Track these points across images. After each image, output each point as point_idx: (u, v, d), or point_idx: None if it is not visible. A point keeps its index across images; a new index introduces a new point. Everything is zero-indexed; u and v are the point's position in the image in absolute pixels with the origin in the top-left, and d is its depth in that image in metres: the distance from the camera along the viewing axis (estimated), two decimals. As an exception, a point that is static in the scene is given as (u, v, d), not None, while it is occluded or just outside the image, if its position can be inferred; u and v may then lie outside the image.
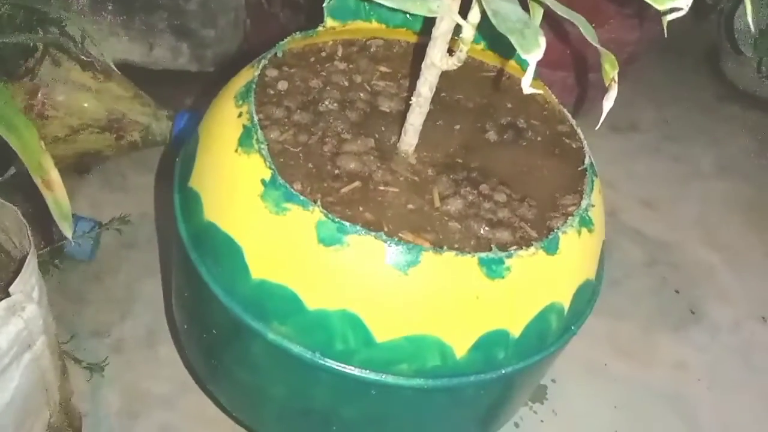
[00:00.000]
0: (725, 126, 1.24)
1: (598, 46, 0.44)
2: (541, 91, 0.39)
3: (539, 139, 0.59)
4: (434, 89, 0.51)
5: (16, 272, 0.53)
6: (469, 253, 0.45)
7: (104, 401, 0.69)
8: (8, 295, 0.50)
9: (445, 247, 0.45)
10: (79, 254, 0.80)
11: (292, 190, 0.45)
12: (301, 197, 0.45)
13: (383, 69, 0.63)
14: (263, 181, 0.46)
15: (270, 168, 0.46)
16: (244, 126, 0.49)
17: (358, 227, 0.44)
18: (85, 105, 0.83)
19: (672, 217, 1.04)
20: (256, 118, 0.49)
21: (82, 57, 0.77)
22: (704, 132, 1.21)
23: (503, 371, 0.48)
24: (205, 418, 0.69)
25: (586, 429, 0.77)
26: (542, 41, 0.39)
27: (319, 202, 0.45)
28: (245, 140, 0.48)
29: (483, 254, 0.45)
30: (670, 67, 1.31)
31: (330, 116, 0.56)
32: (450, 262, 0.44)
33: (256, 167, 0.47)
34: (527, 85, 0.38)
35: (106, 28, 0.97)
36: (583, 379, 0.80)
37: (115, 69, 0.75)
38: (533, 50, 0.38)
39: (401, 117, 0.57)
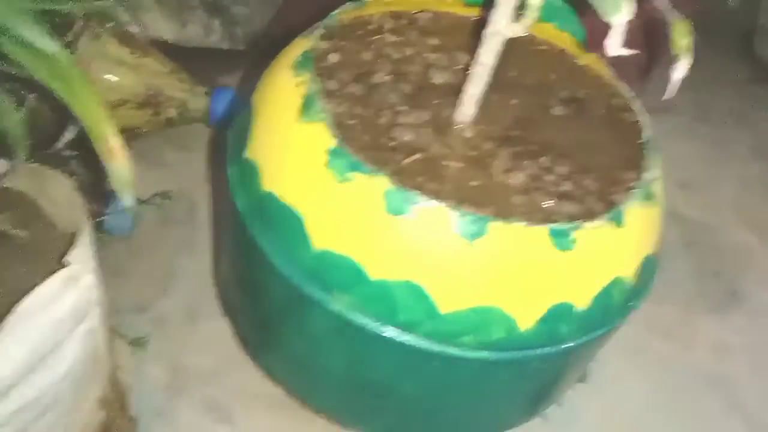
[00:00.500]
0: (759, 108, 1.22)
1: (669, 12, 0.43)
2: (628, 52, 0.38)
3: (596, 112, 0.58)
4: (497, 58, 0.50)
5: (67, 245, 0.53)
6: (540, 223, 0.44)
7: (148, 376, 0.69)
8: (62, 266, 0.50)
9: (514, 218, 0.44)
10: (118, 230, 0.79)
11: (358, 158, 0.45)
12: (369, 166, 0.44)
13: (434, 42, 0.62)
14: (328, 150, 0.45)
15: (335, 136, 0.45)
16: (306, 95, 0.48)
17: (427, 197, 0.43)
18: (123, 80, 0.82)
19: (709, 199, 1.03)
20: (319, 87, 0.48)
21: (127, 30, 0.76)
22: (738, 114, 1.20)
23: (567, 345, 0.47)
24: (249, 392, 0.69)
25: (629, 409, 0.76)
26: (625, 3, 0.38)
27: (387, 171, 0.44)
28: (307, 109, 0.47)
29: (553, 225, 0.44)
30: (703, 49, 1.29)
31: (383, 89, 0.55)
32: (519, 232, 0.44)
33: (320, 136, 0.46)
34: (614, 47, 0.37)
35: (139, 4, 0.96)
36: (624, 360, 0.80)
37: (171, 43, 0.74)
38: (616, 13, 0.37)
39: (455, 90, 0.56)
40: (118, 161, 0.46)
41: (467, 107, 0.53)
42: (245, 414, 0.68)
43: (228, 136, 0.57)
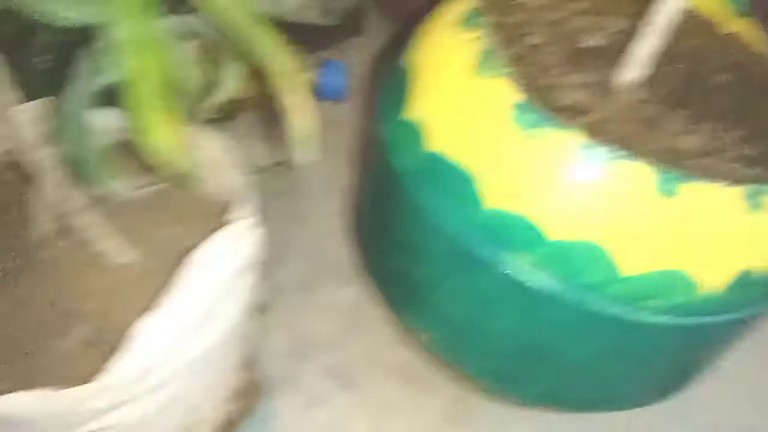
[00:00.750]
0: None
1: None
2: None
3: (757, 78, 0.56)
4: (673, 18, 0.49)
5: (222, 204, 0.54)
6: (737, 183, 0.42)
7: (271, 342, 0.69)
8: (221, 225, 0.50)
9: (709, 177, 0.43)
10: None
11: (551, 112, 0.44)
12: (565, 120, 0.43)
13: (583, 5, 0.60)
14: (515, 105, 0.44)
15: (524, 90, 0.45)
16: (484, 51, 0.47)
17: (626, 152, 0.42)
18: (236, 50, 0.82)
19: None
20: (497, 41, 0.47)
21: None
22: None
23: (752, 312, 0.46)
24: (372, 359, 0.69)
25: (757, 393, 0.74)
26: None
27: (584, 123, 0.43)
28: (487, 64, 0.47)
29: (750, 186, 0.43)
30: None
31: (540, 51, 0.54)
32: (715, 192, 0.42)
33: (503, 91, 0.45)
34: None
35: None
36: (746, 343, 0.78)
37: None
38: None
39: (611, 53, 0.54)
40: (303, 115, 0.46)
41: (633, 69, 0.52)
42: (369, 380, 0.68)
43: (378, 99, 0.56)
